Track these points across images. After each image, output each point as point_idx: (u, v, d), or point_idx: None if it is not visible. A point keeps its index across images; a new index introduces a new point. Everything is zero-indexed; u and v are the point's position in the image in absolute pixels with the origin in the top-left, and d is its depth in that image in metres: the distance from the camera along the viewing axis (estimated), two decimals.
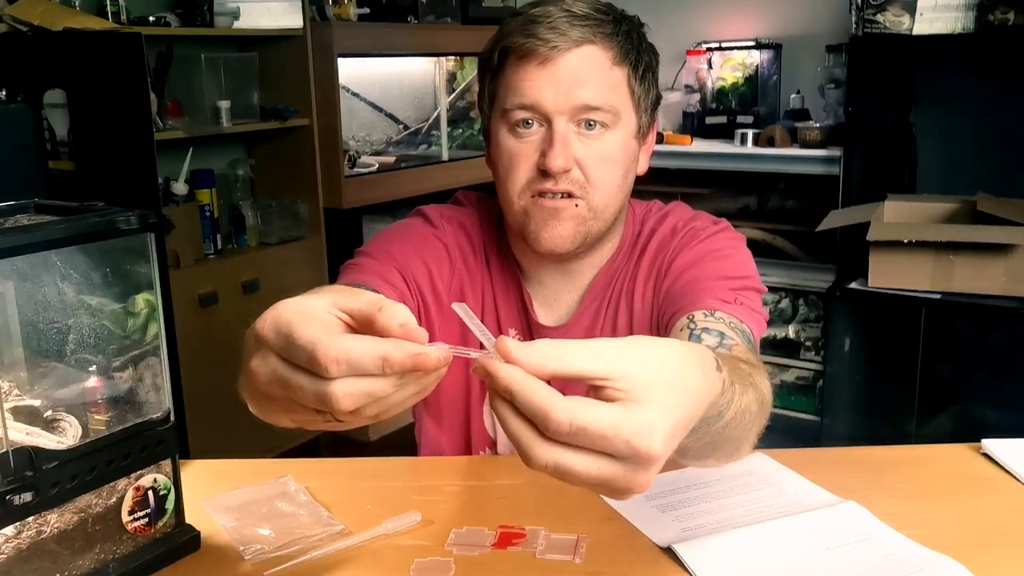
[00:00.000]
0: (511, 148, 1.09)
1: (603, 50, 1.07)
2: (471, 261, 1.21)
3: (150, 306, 0.89)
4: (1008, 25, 2.46)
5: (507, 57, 1.09)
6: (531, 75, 1.06)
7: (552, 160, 1.05)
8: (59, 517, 0.83)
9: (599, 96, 1.06)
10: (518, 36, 1.06)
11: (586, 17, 1.06)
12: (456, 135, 3.86)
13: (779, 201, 3.18)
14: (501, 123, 1.10)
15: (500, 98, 1.10)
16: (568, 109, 1.06)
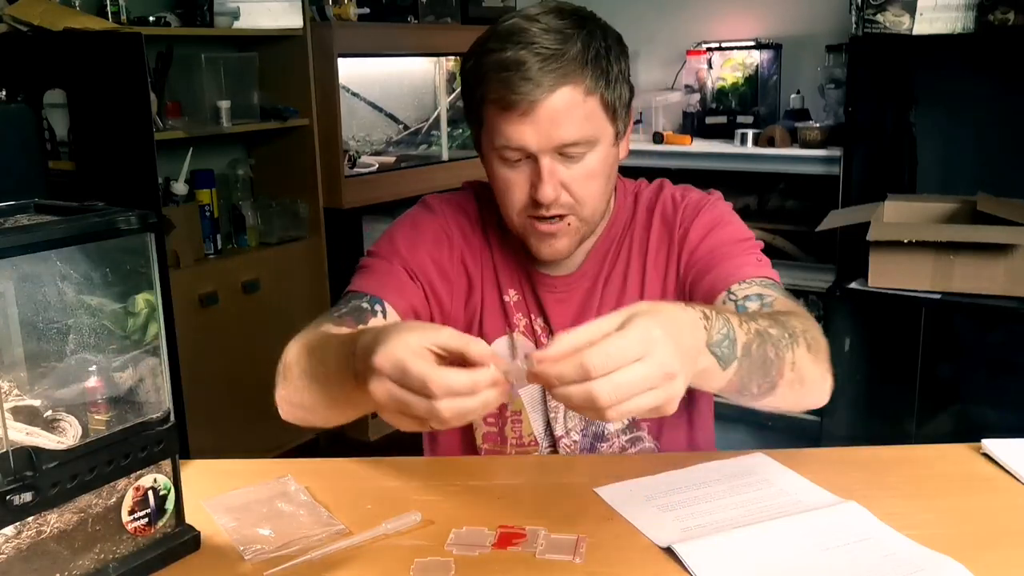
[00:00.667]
0: (504, 176, 1.17)
1: (575, 87, 1.10)
2: (469, 235, 1.29)
3: (150, 306, 0.89)
4: (1008, 25, 2.46)
5: (484, 95, 1.13)
6: (514, 124, 1.11)
7: (542, 194, 1.13)
8: (59, 517, 0.83)
9: (577, 132, 1.12)
10: (496, 85, 1.10)
11: (556, 55, 1.09)
12: (456, 135, 3.86)
13: (779, 201, 3.18)
14: (493, 152, 1.16)
15: (487, 131, 1.16)
16: (550, 148, 1.12)
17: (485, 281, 1.28)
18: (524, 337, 1.28)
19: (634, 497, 1.03)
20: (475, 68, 1.14)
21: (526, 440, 1.27)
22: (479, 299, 1.28)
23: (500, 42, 1.10)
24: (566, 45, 1.10)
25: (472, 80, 1.15)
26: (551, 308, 1.27)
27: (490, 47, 1.11)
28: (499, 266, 1.29)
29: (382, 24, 3.42)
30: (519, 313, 1.28)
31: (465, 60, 1.17)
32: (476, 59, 1.13)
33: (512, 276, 1.29)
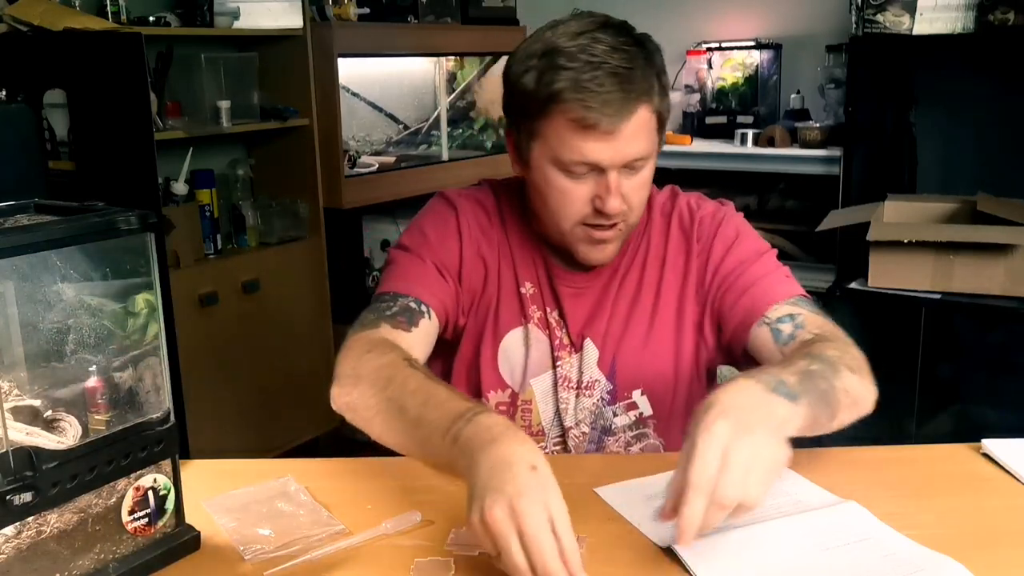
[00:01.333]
0: (564, 187, 1.19)
1: (647, 108, 1.15)
2: (486, 227, 1.31)
3: (150, 306, 0.89)
4: (1008, 25, 2.46)
5: (558, 113, 1.14)
6: (591, 142, 1.14)
7: (611, 207, 1.17)
8: (59, 517, 0.83)
9: (645, 148, 1.17)
10: (575, 105, 1.12)
11: (629, 75, 1.12)
12: (456, 135, 3.86)
13: (779, 201, 3.18)
14: (551, 163, 1.18)
15: (551, 144, 1.17)
16: (621, 163, 1.16)
17: (503, 273, 1.30)
18: (538, 329, 1.29)
19: (634, 497, 1.03)
20: (541, 85, 1.14)
21: (534, 430, 1.28)
22: (495, 290, 1.30)
23: (569, 60, 1.12)
24: (634, 64, 1.13)
25: (535, 96, 1.15)
26: (567, 301, 1.29)
27: (559, 64, 1.13)
28: (516, 259, 1.31)
29: (382, 24, 3.42)
30: (534, 305, 1.30)
31: (518, 74, 1.18)
32: (541, 76, 1.14)
33: (529, 269, 1.31)
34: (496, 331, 1.29)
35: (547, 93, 1.13)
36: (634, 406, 1.29)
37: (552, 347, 1.29)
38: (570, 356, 1.28)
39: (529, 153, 1.20)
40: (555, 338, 1.29)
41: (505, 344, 1.29)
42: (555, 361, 1.28)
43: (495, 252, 1.31)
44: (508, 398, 1.29)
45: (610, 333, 1.28)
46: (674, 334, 1.30)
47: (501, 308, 1.30)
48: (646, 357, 1.29)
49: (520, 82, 1.17)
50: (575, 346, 1.29)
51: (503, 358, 1.29)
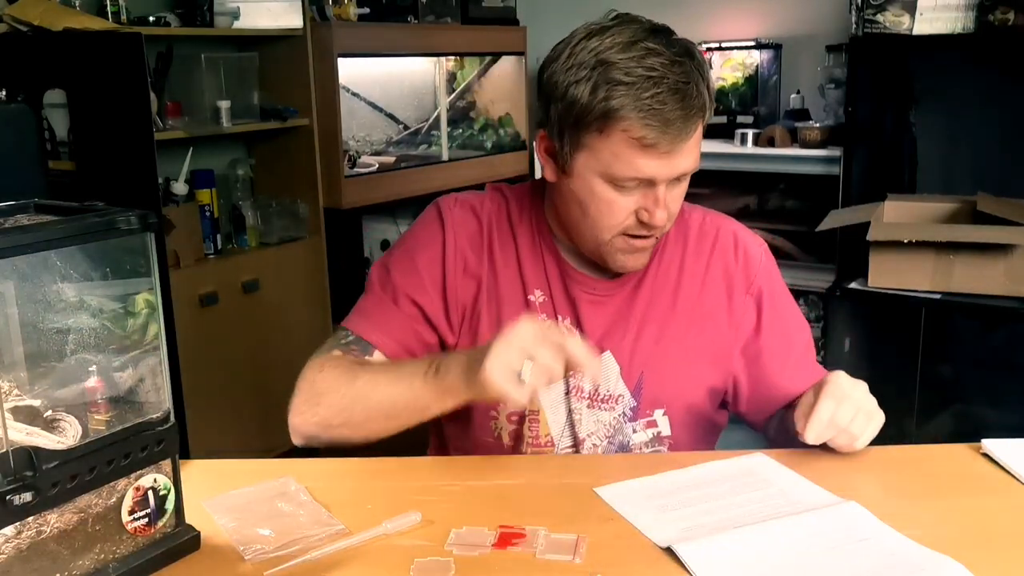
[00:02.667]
0: (611, 198, 1.17)
1: (702, 122, 1.15)
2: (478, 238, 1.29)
3: (150, 306, 0.89)
4: (1008, 25, 2.46)
5: (617, 131, 1.12)
6: (648, 159, 1.13)
7: (659, 219, 1.17)
8: (59, 517, 0.83)
9: (695, 163, 1.18)
10: (636, 124, 1.10)
11: (686, 92, 1.11)
12: (456, 135, 3.86)
13: (779, 201, 3.18)
14: (600, 176, 1.16)
15: (603, 159, 1.14)
16: (673, 178, 1.17)
17: (504, 282, 1.28)
18: None
19: (634, 497, 1.03)
20: (596, 99, 1.11)
21: (542, 441, 1.27)
22: (494, 301, 1.28)
23: (626, 75, 1.09)
24: (690, 79, 1.11)
25: (588, 109, 1.12)
26: (584, 308, 1.27)
27: (615, 78, 1.10)
28: (525, 266, 1.29)
29: (382, 24, 3.42)
30: (543, 314, 1.27)
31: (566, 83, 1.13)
32: (595, 89, 1.11)
33: (539, 276, 1.29)
34: None
35: (604, 109, 1.10)
36: (653, 424, 1.27)
37: None
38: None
39: (572, 164, 1.17)
40: None
41: None
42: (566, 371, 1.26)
43: (493, 263, 1.29)
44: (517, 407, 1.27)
45: (638, 349, 1.26)
46: (706, 360, 1.28)
47: (503, 317, 1.26)
48: (677, 379, 1.27)
49: (569, 92, 1.13)
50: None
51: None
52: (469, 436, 1.30)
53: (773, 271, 1.34)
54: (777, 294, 1.32)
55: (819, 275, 2.99)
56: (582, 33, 1.15)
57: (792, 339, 1.32)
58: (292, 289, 3.16)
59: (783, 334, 1.31)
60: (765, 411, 1.30)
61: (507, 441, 1.28)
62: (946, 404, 2.79)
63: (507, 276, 1.29)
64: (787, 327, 1.32)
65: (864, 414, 1.10)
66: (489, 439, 1.28)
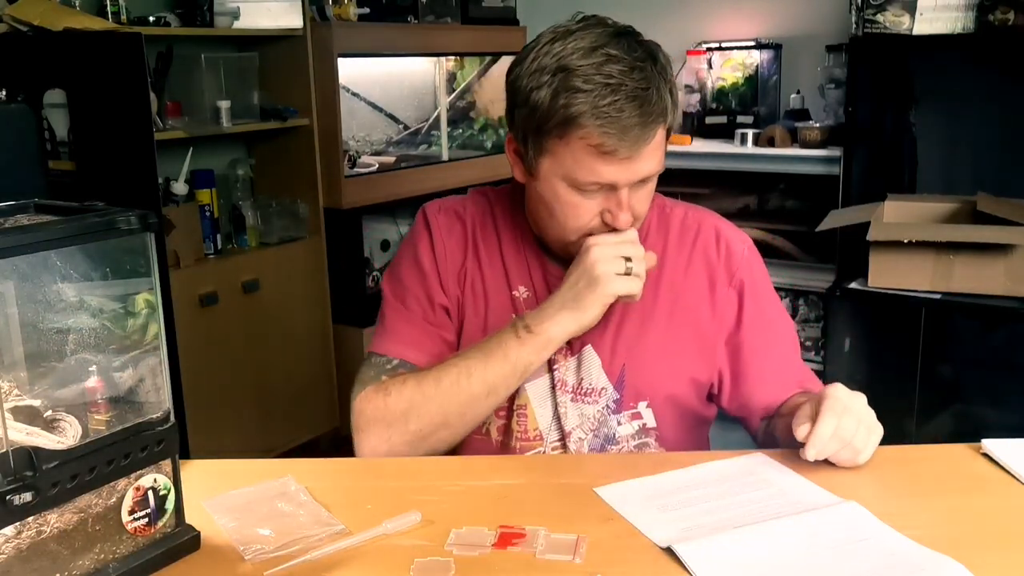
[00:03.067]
0: (575, 202, 1.18)
1: (663, 127, 1.16)
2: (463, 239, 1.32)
3: (150, 306, 0.89)
4: (1008, 25, 2.46)
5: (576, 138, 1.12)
6: (608, 165, 1.14)
7: (623, 222, 1.18)
8: (59, 517, 0.83)
9: (657, 165, 1.18)
10: (595, 131, 1.11)
11: (646, 97, 1.11)
12: (456, 135, 3.86)
13: (779, 201, 3.17)
14: (563, 180, 1.17)
15: (564, 164, 1.15)
16: (635, 182, 1.17)
17: (490, 281, 1.30)
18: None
19: (634, 497, 1.03)
20: (556, 105, 1.11)
21: (531, 435, 1.28)
22: (482, 299, 1.30)
23: (585, 81, 1.10)
24: (650, 85, 1.12)
25: (548, 115, 1.12)
26: None
27: (575, 85, 1.10)
28: (509, 264, 1.31)
29: (382, 24, 3.41)
30: (528, 310, 1.28)
31: (528, 88, 1.14)
32: (555, 95, 1.11)
33: (523, 273, 1.31)
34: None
35: (563, 116, 1.11)
36: (638, 416, 1.28)
37: None
38: (566, 360, 1.27)
39: (537, 167, 1.19)
40: None
41: None
42: (551, 365, 1.27)
43: (479, 262, 1.31)
44: (505, 403, 1.28)
45: (619, 342, 1.27)
46: (689, 352, 1.29)
47: (490, 315, 1.29)
48: (658, 370, 1.28)
49: (531, 97, 1.14)
50: (571, 350, 1.27)
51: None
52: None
53: (756, 266, 1.34)
54: (760, 289, 1.32)
55: (819, 275, 2.99)
56: (547, 37, 1.16)
57: (774, 335, 1.32)
58: (292, 289, 3.16)
59: (764, 329, 1.31)
60: (746, 407, 1.30)
61: (496, 436, 1.29)
62: (946, 404, 2.79)
63: (492, 273, 1.31)
64: (769, 322, 1.32)
65: (866, 427, 1.08)
66: (478, 435, 1.29)
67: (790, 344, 1.34)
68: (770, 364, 1.30)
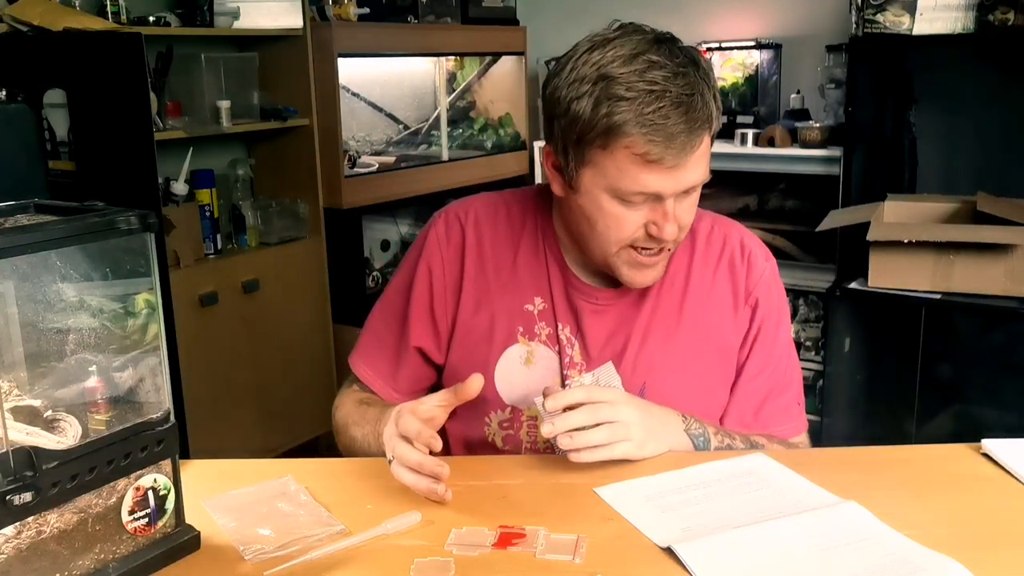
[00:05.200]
0: (619, 213, 1.15)
1: (708, 134, 1.13)
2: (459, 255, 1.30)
3: (150, 306, 0.89)
4: (1008, 25, 2.46)
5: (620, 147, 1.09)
6: (654, 174, 1.10)
7: (669, 233, 1.14)
8: (59, 517, 0.83)
9: (703, 175, 1.15)
10: (639, 140, 1.07)
11: (690, 104, 1.08)
12: (456, 135, 3.86)
13: (779, 201, 3.18)
14: (607, 192, 1.14)
15: (608, 175, 1.12)
16: (681, 192, 1.14)
17: (497, 294, 1.28)
18: (545, 346, 1.27)
19: (634, 497, 1.03)
20: (598, 115, 1.08)
21: (541, 447, 1.26)
22: (486, 312, 1.28)
23: (628, 89, 1.07)
24: (694, 91, 1.09)
25: (590, 125, 1.09)
26: (587, 318, 1.26)
27: (617, 93, 1.07)
28: (523, 276, 1.28)
29: (382, 24, 3.42)
30: (543, 322, 1.27)
31: (569, 98, 1.11)
32: (597, 105, 1.08)
33: (540, 284, 1.28)
34: (490, 351, 1.27)
35: (607, 125, 1.08)
36: None
37: (561, 364, 1.26)
38: (580, 375, 1.25)
39: (579, 179, 1.15)
40: (565, 355, 1.26)
41: (502, 363, 1.27)
42: (564, 379, 1.25)
43: (484, 270, 1.29)
44: (509, 415, 1.27)
45: (641, 359, 1.25)
46: (712, 370, 1.27)
47: (496, 328, 1.27)
48: (680, 389, 1.24)
49: (572, 109, 1.11)
50: (588, 364, 1.25)
51: (500, 376, 1.27)
52: (467, 437, 1.31)
53: (775, 289, 1.31)
54: (772, 313, 1.29)
55: (819, 275, 2.99)
56: (585, 46, 1.13)
57: (766, 365, 1.28)
58: (292, 289, 3.16)
59: (762, 355, 1.28)
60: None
61: (502, 446, 1.28)
62: (946, 404, 2.79)
63: (499, 288, 1.28)
64: (768, 351, 1.29)
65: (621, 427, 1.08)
66: (484, 443, 1.29)
67: (786, 377, 1.30)
68: (752, 390, 1.28)
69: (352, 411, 1.30)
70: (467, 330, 1.29)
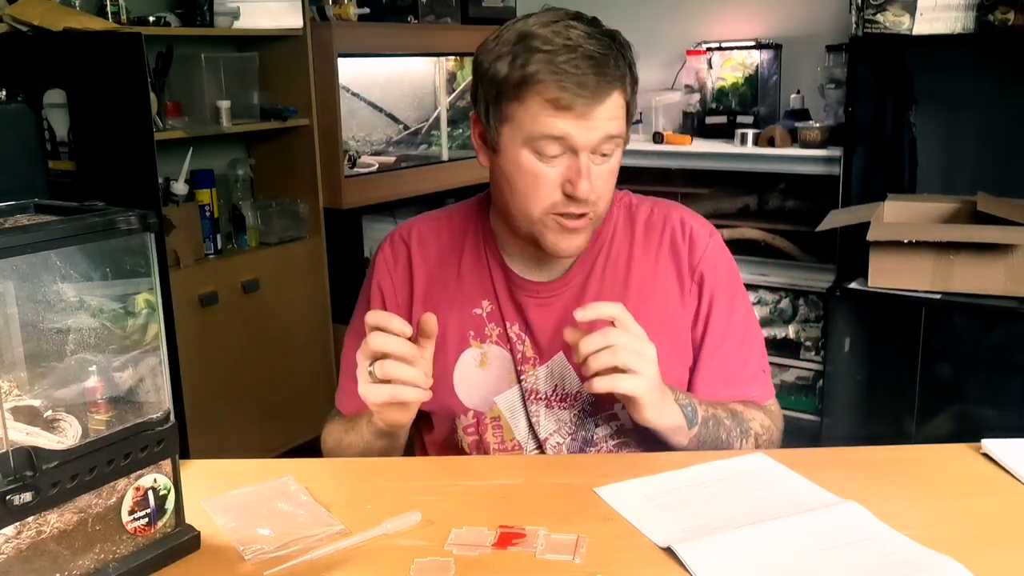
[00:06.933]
0: (536, 170, 1.17)
1: (620, 93, 1.16)
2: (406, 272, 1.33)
3: (150, 306, 0.89)
4: (1008, 25, 2.46)
5: (533, 94, 1.13)
6: (565, 121, 1.14)
7: (582, 190, 1.16)
8: (59, 517, 0.83)
9: (616, 128, 1.17)
10: (551, 86, 1.12)
11: (604, 60, 1.13)
12: (456, 135, 3.86)
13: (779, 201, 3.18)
14: (523, 145, 1.17)
15: (524, 126, 1.15)
16: (594, 143, 1.16)
17: (443, 302, 1.30)
18: (497, 346, 1.28)
19: (634, 497, 1.03)
20: (515, 68, 1.13)
21: (509, 445, 1.28)
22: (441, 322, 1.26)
23: (544, 43, 1.12)
24: (608, 52, 1.13)
25: (508, 79, 1.14)
26: (532, 313, 1.28)
27: (534, 46, 1.12)
28: (467, 281, 1.30)
29: (382, 24, 3.42)
30: (492, 323, 1.28)
31: (490, 61, 1.17)
32: (514, 59, 1.14)
33: (485, 287, 1.30)
34: (447, 360, 1.28)
35: (521, 76, 1.13)
36: (615, 416, 1.27)
37: (515, 361, 1.27)
38: (534, 368, 1.27)
39: (499, 139, 1.19)
40: (516, 352, 1.27)
41: (458, 369, 1.28)
42: (519, 375, 1.27)
43: (428, 288, 1.31)
44: (473, 419, 1.28)
45: None
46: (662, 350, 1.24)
47: (449, 336, 1.28)
48: None
49: (492, 67, 1.16)
50: (541, 358, 1.27)
51: (458, 382, 1.28)
52: (442, 446, 1.34)
53: (721, 260, 1.31)
54: (722, 284, 1.30)
55: (819, 275, 2.99)
56: (513, 20, 1.19)
57: (727, 335, 1.29)
58: (292, 289, 3.16)
59: (720, 327, 1.29)
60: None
61: (470, 452, 1.30)
62: (946, 404, 2.79)
63: (445, 297, 1.30)
64: (727, 322, 1.29)
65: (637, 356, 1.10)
66: (454, 451, 1.31)
67: (745, 347, 1.31)
68: (715, 365, 1.28)
69: (340, 428, 1.32)
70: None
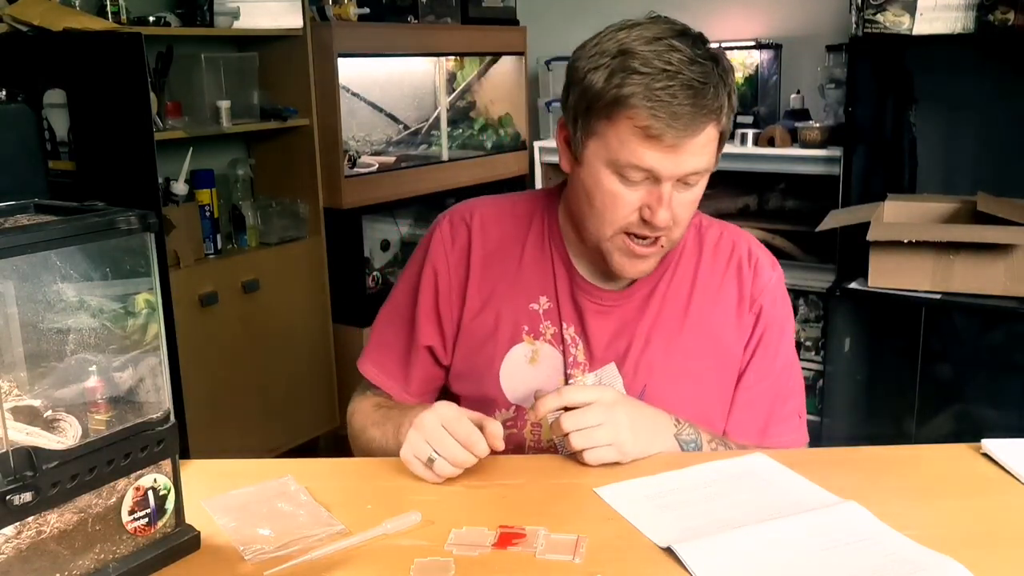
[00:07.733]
0: (616, 191, 1.15)
1: (715, 126, 1.13)
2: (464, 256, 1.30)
3: (150, 306, 0.89)
4: (1008, 25, 2.46)
5: (624, 118, 1.11)
6: (653, 151, 1.11)
7: (660, 219, 1.14)
8: (59, 517, 0.83)
9: (705, 163, 1.15)
10: (645, 113, 1.09)
11: (702, 91, 1.09)
12: (456, 135, 3.86)
13: (779, 201, 3.18)
14: (606, 165, 1.15)
15: (611, 147, 1.13)
16: (678, 177, 1.14)
17: (501, 293, 1.28)
18: (550, 346, 1.27)
19: (634, 497, 1.03)
20: (610, 85, 1.10)
21: (544, 444, 1.27)
22: (491, 312, 1.28)
23: (643, 65, 1.09)
24: (708, 81, 1.10)
25: (601, 95, 1.11)
26: (591, 318, 1.26)
27: (632, 66, 1.09)
28: (528, 275, 1.29)
29: (382, 24, 3.41)
30: (548, 320, 1.27)
31: (586, 69, 1.14)
32: (611, 76, 1.10)
33: (546, 283, 1.28)
34: (496, 350, 1.27)
35: (616, 95, 1.10)
36: None
37: (565, 364, 1.26)
38: (583, 375, 1.25)
39: (583, 151, 1.17)
40: (569, 355, 1.26)
41: (507, 362, 1.27)
42: (568, 379, 1.26)
43: (484, 273, 1.29)
44: (513, 414, 1.27)
45: (643, 362, 1.25)
46: (711, 377, 1.27)
47: (501, 327, 1.27)
48: (679, 395, 1.24)
49: (587, 78, 1.13)
50: (591, 365, 1.26)
51: (505, 375, 1.27)
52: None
53: (780, 298, 1.31)
54: (775, 322, 1.29)
55: (819, 275, 2.99)
56: (615, 26, 1.15)
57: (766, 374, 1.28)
58: (292, 289, 3.16)
59: (762, 363, 1.28)
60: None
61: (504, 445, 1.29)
62: (946, 404, 2.79)
63: (504, 287, 1.28)
64: (770, 359, 1.29)
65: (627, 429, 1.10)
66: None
67: (786, 385, 1.30)
68: (752, 397, 1.28)
69: (371, 413, 1.29)
70: (472, 330, 1.29)
